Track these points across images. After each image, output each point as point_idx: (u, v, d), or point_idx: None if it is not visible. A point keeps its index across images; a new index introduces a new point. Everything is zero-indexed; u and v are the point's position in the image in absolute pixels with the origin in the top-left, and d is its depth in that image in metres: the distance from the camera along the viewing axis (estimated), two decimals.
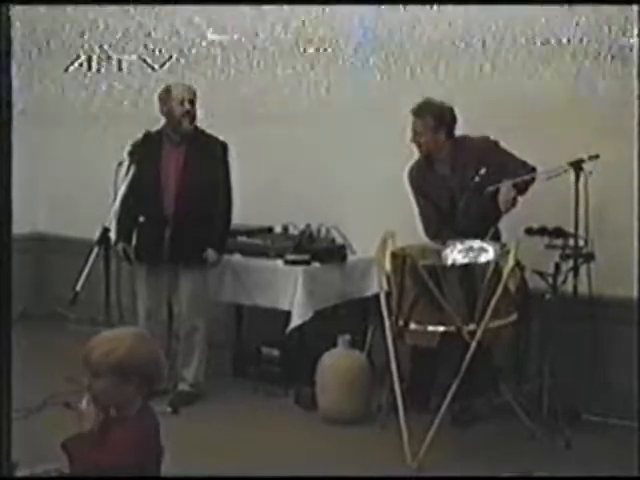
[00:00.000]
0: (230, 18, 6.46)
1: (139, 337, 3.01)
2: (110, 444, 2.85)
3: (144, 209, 5.62)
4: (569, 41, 5.33)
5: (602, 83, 5.22)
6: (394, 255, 4.82)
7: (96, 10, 6.93)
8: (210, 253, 5.63)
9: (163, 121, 5.66)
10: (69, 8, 7.08)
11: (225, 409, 5.56)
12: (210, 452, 4.75)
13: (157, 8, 6.67)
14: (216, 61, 6.59)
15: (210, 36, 6.59)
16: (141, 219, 5.63)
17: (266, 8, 6.28)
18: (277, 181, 6.41)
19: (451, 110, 5.26)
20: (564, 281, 5.00)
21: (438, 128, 5.22)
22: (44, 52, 7.32)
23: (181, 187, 5.55)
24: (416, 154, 5.38)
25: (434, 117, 5.21)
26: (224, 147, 5.67)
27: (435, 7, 5.69)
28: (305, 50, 6.24)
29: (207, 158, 5.59)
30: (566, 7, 5.25)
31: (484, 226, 5.06)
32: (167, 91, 5.60)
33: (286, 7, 6.21)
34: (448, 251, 5.08)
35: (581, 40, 5.28)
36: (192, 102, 5.58)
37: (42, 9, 7.00)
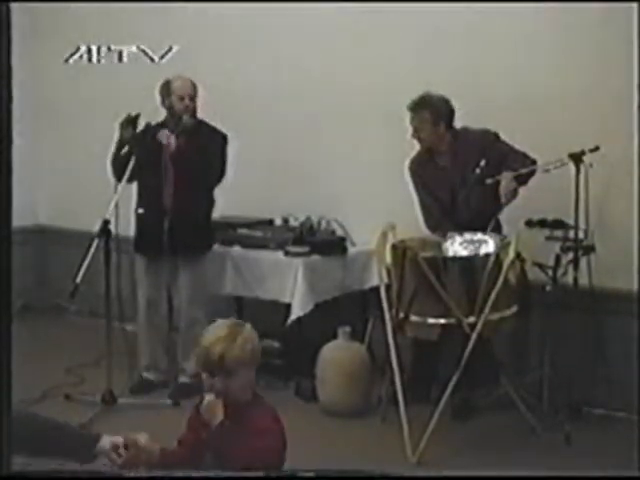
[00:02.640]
0: (229, 9, 6.45)
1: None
2: (253, 429, 2.90)
3: (144, 200, 5.63)
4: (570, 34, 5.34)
5: (602, 75, 5.22)
6: (394, 247, 4.82)
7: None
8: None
9: (164, 113, 5.66)
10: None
11: None
12: None
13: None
14: (219, 52, 6.59)
15: (211, 27, 6.59)
16: (140, 210, 5.64)
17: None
18: (277, 173, 6.41)
19: (448, 102, 5.25)
20: (564, 273, 5.01)
21: (436, 122, 5.22)
22: (43, 43, 7.33)
23: (180, 179, 5.55)
24: (417, 147, 5.38)
25: (431, 111, 5.21)
26: (224, 139, 5.66)
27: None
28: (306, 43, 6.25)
29: (207, 150, 5.58)
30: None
31: (485, 218, 5.07)
32: (167, 85, 5.60)
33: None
34: (448, 243, 5.08)
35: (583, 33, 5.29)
36: (192, 97, 5.57)
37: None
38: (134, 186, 5.65)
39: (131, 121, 5.45)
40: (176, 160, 5.53)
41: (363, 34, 6.06)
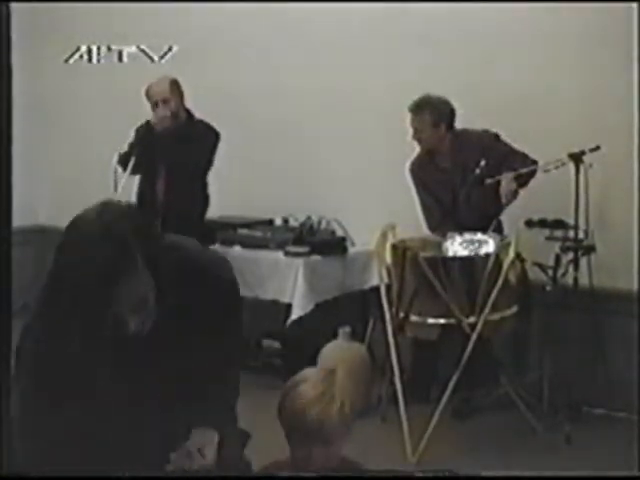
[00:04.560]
0: (228, 9, 6.45)
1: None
2: None
3: (140, 194, 5.64)
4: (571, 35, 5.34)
5: (603, 75, 5.22)
6: (394, 247, 4.82)
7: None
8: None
9: None
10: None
11: None
12: None
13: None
14: (219, 52, 6.59)
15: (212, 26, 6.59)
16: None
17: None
18: (278, 173, 6.40)
19: (448, 103, 5.25)
20: (564, 273, 5.00)
21: (437, 123, 5.22)
22: (43, 43, 7.33)
23: (171, 177, 5.55)
24: (417, 147, 5.38)
25: (432, 113, 5.21)
26: (217, 136, 5.63)
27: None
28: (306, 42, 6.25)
29: (199, 148, 5.57)
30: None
31: (485, 218, 5.07)
32: (147, 89, 5.59)
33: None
34: (448, 243, 5.08)
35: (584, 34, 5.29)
36: (167, 100, 5.52)
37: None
38: (134, 186, 5.65)
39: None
40: (168, 156, 5.52)
41: (364, 34, 6.05)
